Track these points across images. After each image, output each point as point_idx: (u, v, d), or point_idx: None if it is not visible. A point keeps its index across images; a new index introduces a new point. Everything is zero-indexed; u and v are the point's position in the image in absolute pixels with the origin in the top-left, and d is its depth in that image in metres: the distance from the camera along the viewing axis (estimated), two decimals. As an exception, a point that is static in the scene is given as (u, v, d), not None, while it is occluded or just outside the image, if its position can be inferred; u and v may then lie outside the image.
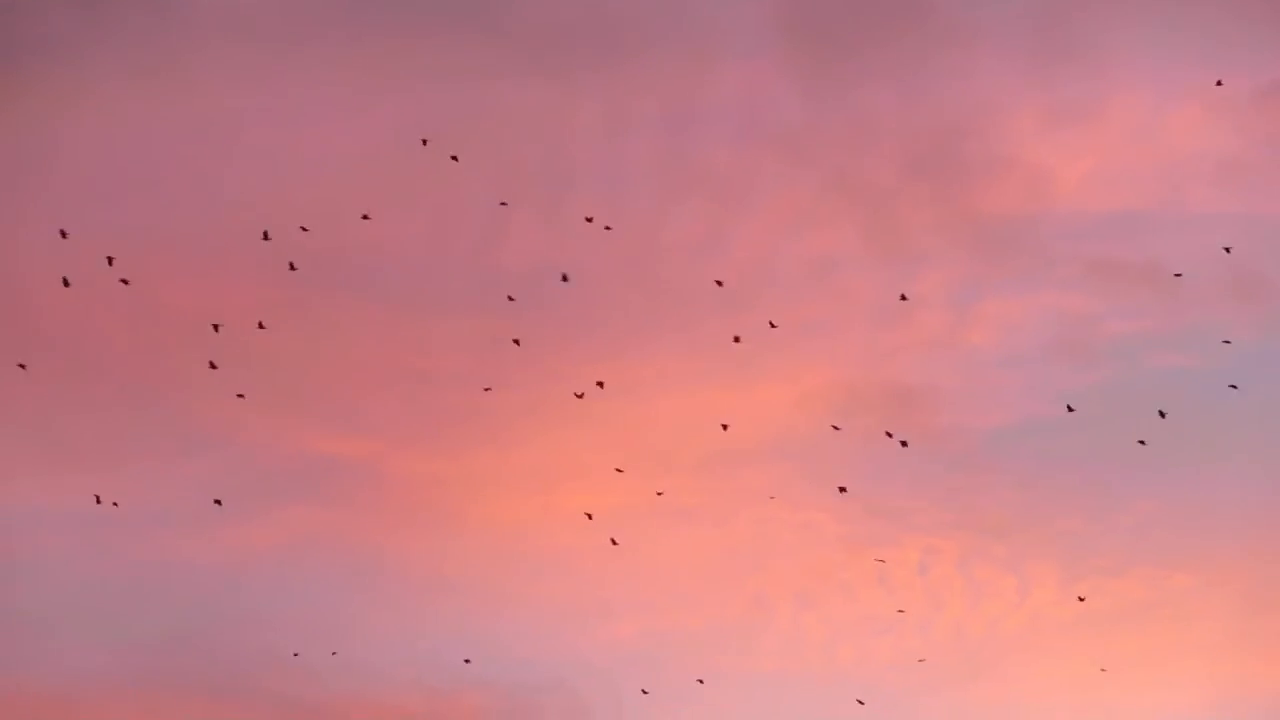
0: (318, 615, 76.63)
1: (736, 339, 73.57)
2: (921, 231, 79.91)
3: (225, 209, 77.78)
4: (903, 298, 74.07)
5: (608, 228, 72.59)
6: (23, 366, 73.05)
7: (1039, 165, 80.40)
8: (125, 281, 71.71)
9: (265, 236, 71.76)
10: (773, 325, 74.91)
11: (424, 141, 70.24)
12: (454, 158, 73.30)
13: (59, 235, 70.33)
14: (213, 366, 72.58)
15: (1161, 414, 71.41)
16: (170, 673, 76.13)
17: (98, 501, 73.59)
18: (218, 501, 74.16)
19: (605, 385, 75.01)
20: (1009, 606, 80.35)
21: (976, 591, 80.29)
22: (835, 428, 74.39)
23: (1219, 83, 75.13)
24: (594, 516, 76.76)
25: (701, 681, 75.44)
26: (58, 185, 76.75)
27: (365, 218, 71.36)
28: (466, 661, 74.47)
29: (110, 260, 70.12)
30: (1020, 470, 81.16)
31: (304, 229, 72.18)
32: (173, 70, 70.22)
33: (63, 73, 77.52)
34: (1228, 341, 74.96)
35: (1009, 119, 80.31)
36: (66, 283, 71.08)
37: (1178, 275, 75.33)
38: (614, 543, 74.27)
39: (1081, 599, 78.50)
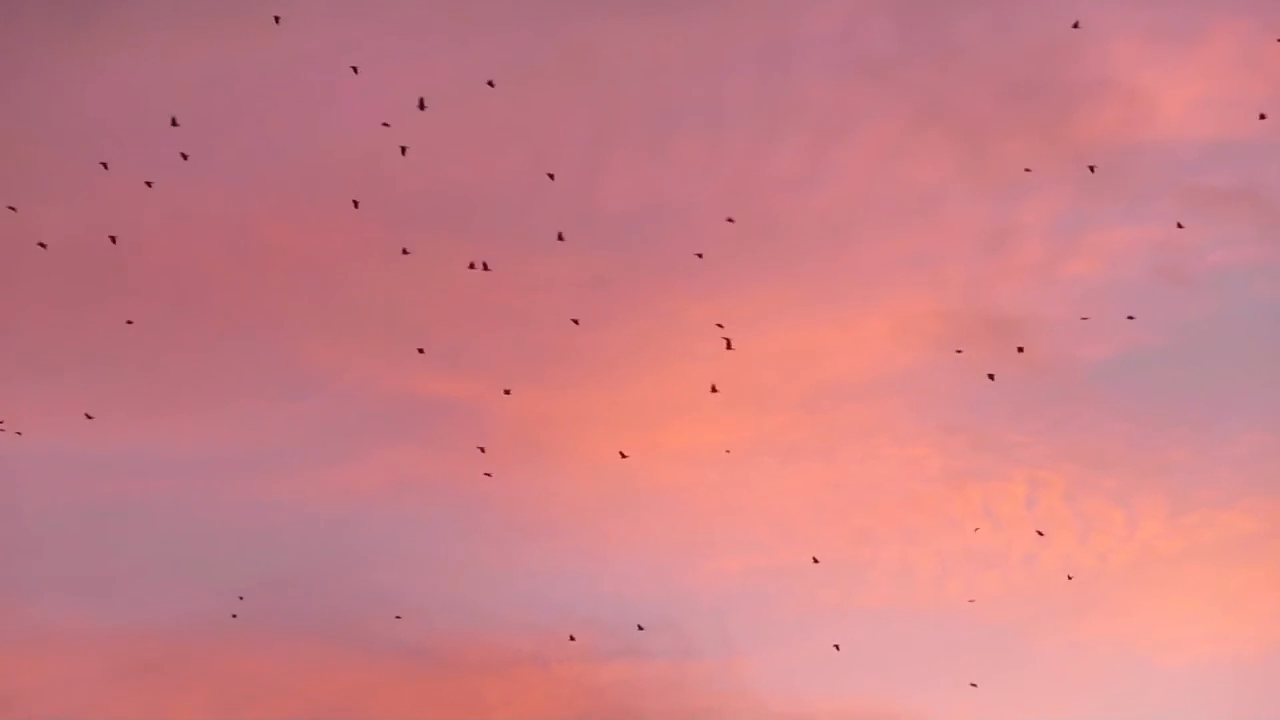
0: (423, 557, 76.83)
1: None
2: (1021, 160, 79.02)
3: (325, 149, 77.68)
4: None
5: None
6: (130, 323, 73.17)
7: (1140, 91, 79.42)
8: (229, 225, 71.75)
9: (355, 205, 71.76)
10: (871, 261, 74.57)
11: (490, 83, 69.53)
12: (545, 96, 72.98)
13: (161, 176, 70.42)
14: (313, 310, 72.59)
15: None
16: (276, 615, 76.48)
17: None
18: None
19: (705, 320, 75.03)
20: (1117, 540, 79.86)
21: (1084, 525, 79.80)
22: (959, 351, 73.86)
23: (1328, 8, 74.01)
24: (679, 455, 76.82)
25: (972, 601, 75.33)
26: (155, 129, 76.65)
27: (403, 150, 70.47)
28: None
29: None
30: (1126, 402, 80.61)
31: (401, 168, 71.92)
32: (273, 8, 69.75)
33: (161, 13, 77.38)
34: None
35: (1109, 43, 79.31)
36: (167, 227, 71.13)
37: (1286, 204, 74.48)
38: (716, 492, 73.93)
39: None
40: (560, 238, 72.28)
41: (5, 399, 74.90)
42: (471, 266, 72.31)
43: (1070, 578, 76.42)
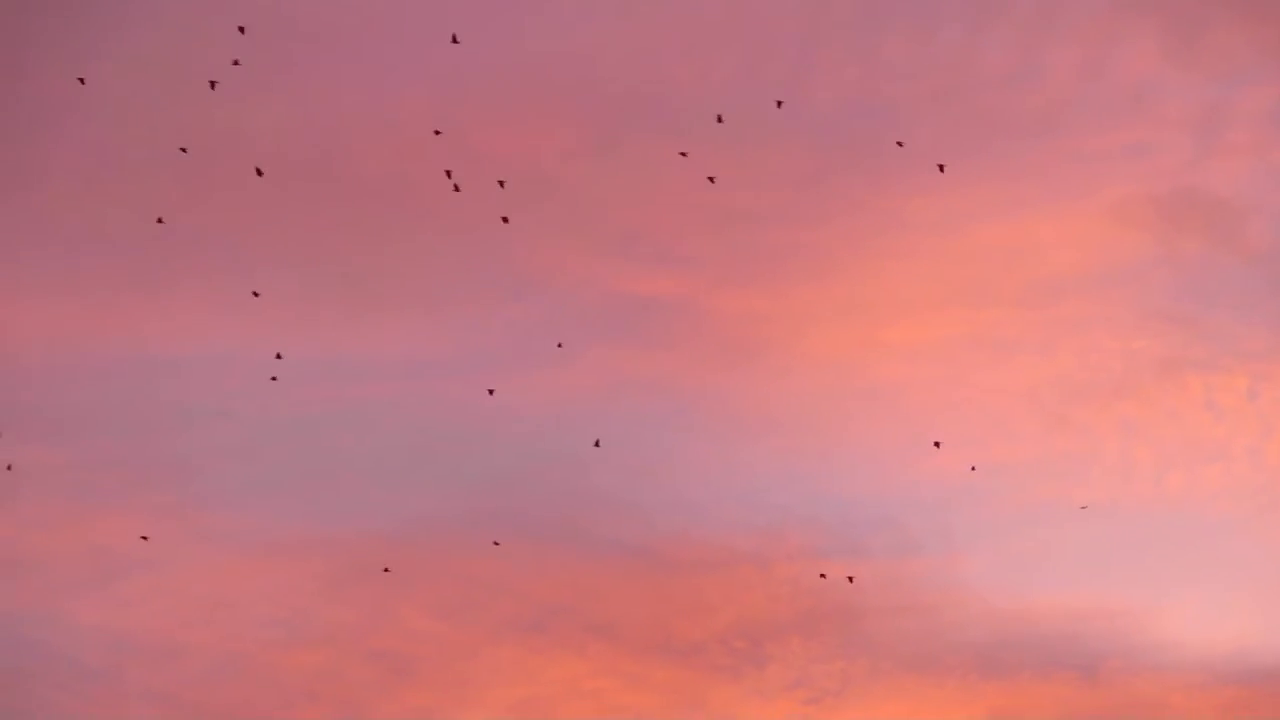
0: (642, 457, 76.90)
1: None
2: (1231, 46, 77.61)
3: (534, 55, 77.58)
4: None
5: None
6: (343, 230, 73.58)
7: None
8: (438, 132, 71.80)
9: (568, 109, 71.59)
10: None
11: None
12: None
13: (370, 85, 70.56)
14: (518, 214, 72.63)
15: None
16: (497, 516, 76.86)
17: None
18: None
19: (920, 217, 74.38)
20: (1343, 431, 78.64)
21: (1309, 417, 78.65)
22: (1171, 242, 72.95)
23: None
24: (898, 352, 76.45)
25: (1085, 508, 74.74)
26: (369, 40, 76.91)
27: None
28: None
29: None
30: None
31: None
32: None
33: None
34: None
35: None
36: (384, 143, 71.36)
37: None
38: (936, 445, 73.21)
39: None
40: (719, 119, 71.57)
41: (228, 312, 75.85)
42: (683, 154, 72.15)
43: (1084, 508, 75.30)
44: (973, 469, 73.43)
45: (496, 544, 73.41)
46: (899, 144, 72.80)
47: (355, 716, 73.25)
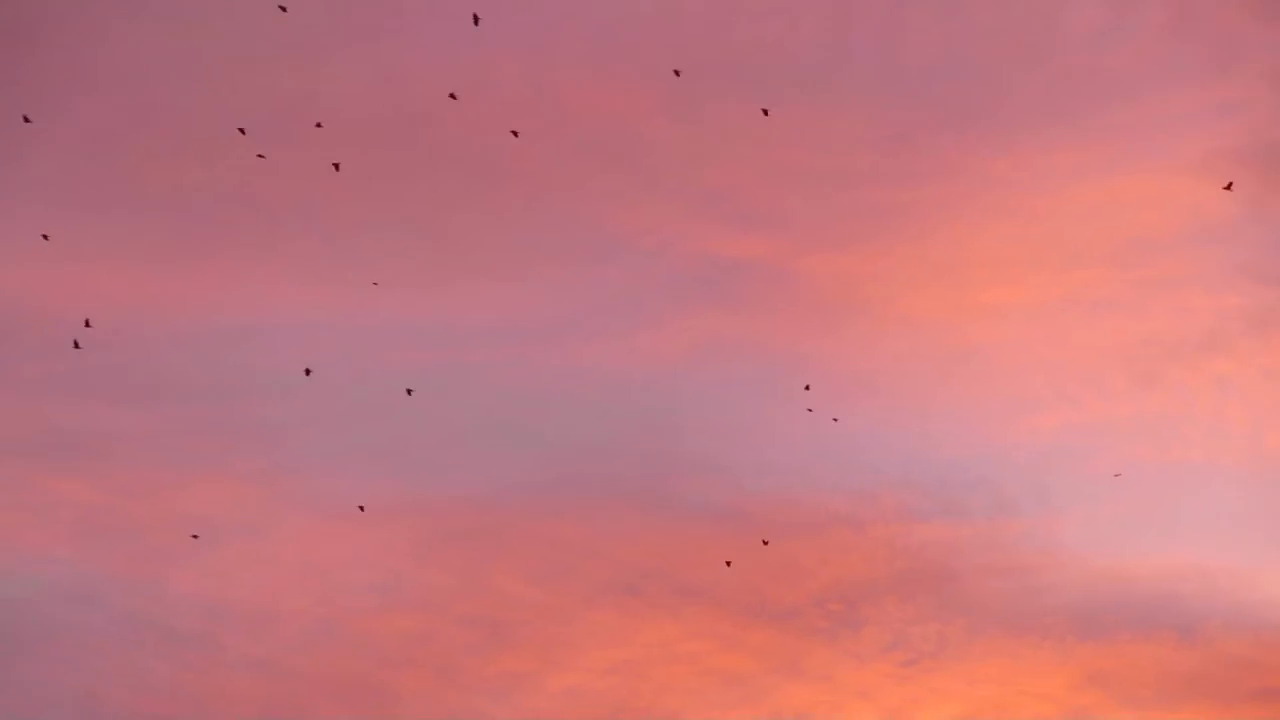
0: (734, 420, 76.56)
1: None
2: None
3: (621, 15, 77.20)
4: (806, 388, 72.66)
5: None
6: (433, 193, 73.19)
7: None
8: (453, 95, 71.42)
9: (677, 74, 71.09)
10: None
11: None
12: None
13: (456, 50, 70.25)
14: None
15: None
16: (586, 479, 76.74)
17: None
18: None
19: (1011, 178, 73.93)
20: None
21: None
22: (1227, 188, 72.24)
23: None
24: (990, 312, 76.09)
25: (1118, 475, 74.38)
26: (458, 5, 76.58)
27: None
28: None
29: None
30: None
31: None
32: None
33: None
34: None
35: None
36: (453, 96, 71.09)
37: None
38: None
39: None
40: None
41: (317, 278, 75.64)
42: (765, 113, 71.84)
43: (1117, 475, 74.84)
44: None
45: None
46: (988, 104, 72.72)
47: (450, 681, 73.17)
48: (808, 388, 72.13)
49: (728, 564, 73.23)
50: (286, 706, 71.21)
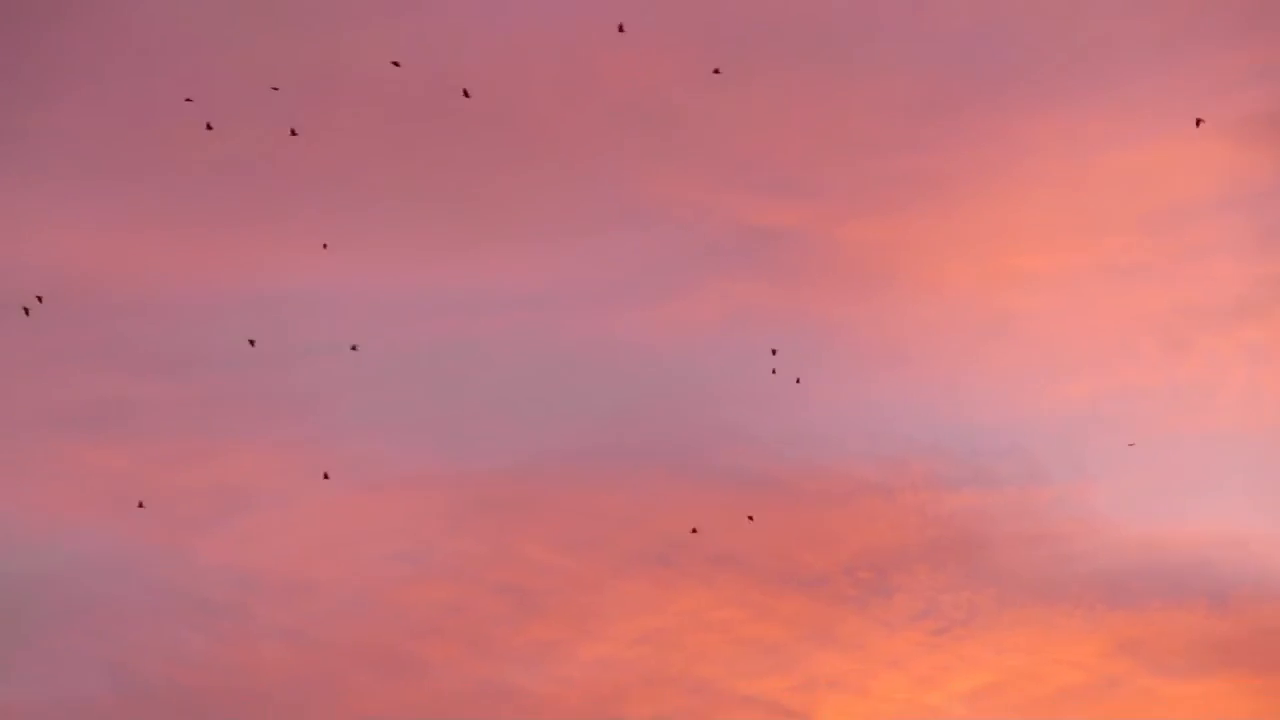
0: (765, 387, 76.34)
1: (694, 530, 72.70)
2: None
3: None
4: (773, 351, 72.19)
5: None
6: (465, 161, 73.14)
7: None
8: (466, 94, 71.32)
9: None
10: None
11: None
12: None
13: (491, 17, 70.11)
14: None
15: None
16: (620, 448, 76.83)
17: None
18: None
19: (1044, 144, 73.72)
20: None
21: None
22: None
23: None
24: (1022, 279, 75.97)
25: (1132, 445, 74.10)
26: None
27: None
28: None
29: None
30: None
31: None
32: None
33: None
34: None
35: None
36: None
37: None
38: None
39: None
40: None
41: (349, 246, 75.65)
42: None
43: (1131, 445, 74.47)
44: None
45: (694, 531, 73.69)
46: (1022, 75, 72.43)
47: (481, 650, 73.36)
48: (774, 351, 71.90)
49: (750, 518, 73.18)
50: (318, 676, 71.60)
